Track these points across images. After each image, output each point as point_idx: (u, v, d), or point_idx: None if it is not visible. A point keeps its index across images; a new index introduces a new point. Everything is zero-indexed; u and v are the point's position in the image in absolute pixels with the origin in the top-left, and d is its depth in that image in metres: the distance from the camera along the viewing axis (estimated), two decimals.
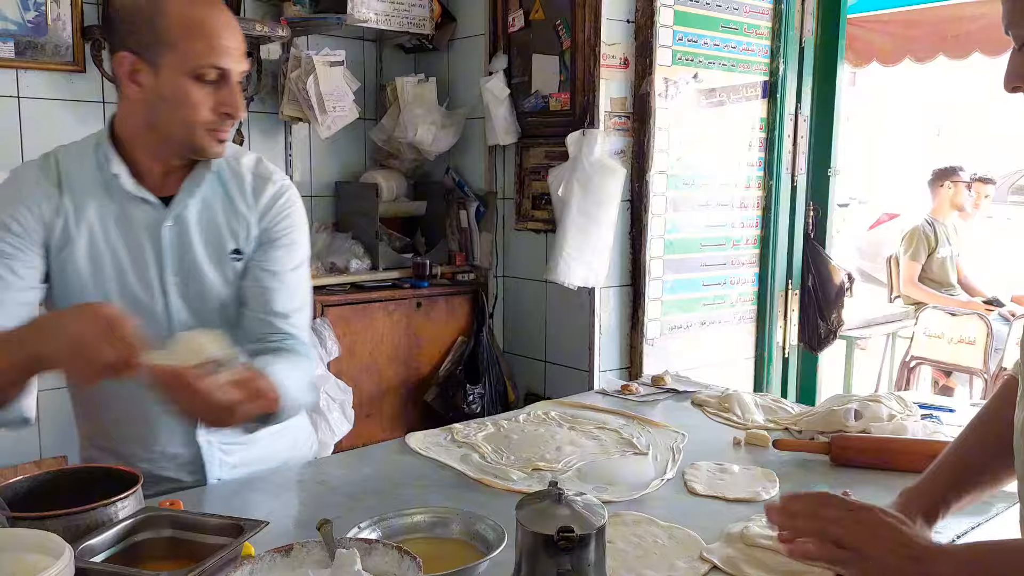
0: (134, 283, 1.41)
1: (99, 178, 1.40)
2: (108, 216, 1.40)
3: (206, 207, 1.44)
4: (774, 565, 1.15)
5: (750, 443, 1.72)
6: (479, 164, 3.25)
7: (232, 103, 1.34)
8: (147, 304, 1.41)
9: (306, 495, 1.45)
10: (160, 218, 1.41)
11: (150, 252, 1.41)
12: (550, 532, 0.92)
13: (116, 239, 1.40)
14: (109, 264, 1.39)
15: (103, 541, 1.07)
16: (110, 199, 1.40)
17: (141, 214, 1.41)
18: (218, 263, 1.45)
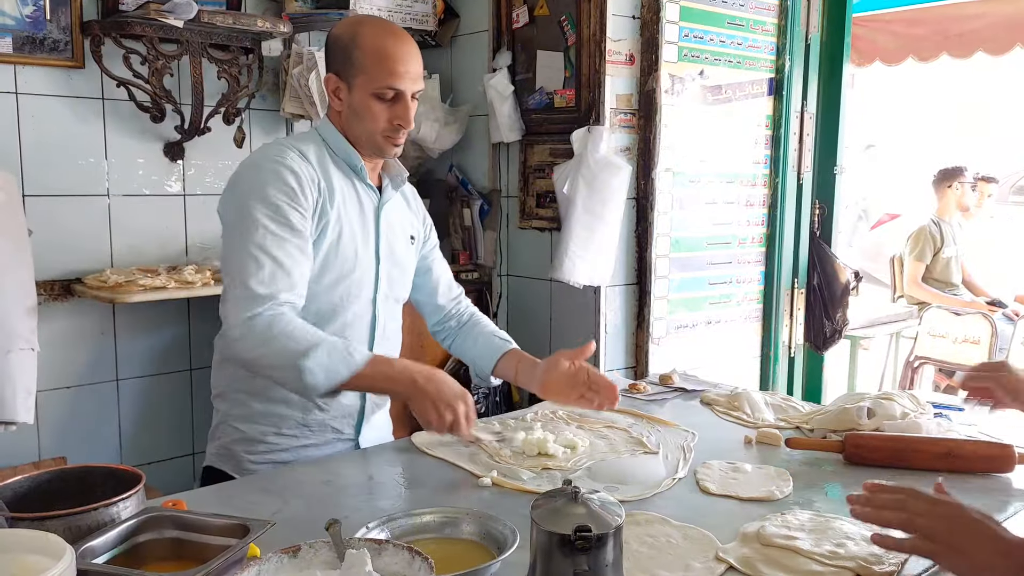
0: (361, 252, 1.71)
1: (337, 167, 1.69)
2: (349, 199, 1.69)
3: (398, 200, 1.81)
4: (792, 565, 1.12)
5: (761, 442, 1.69)
6: (483, 162, 3.22)
7: (403, 116, 1.65)
8: (367, 267, 1.72)
9: (312, 495, 1.42)
10: (378, 204, 1.74)
11: (372, 229, 1.73)
12: (567, 532, 0.90)
13: (354, 217, 1.70)
14: (347, 236, 1.68)
15: (105, 542, 1.05)
16: (349, 185, 1.70)
17: (368, 199, 1.73)
18: (406, 243, 1.82)
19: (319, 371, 1.48)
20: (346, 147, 1.69)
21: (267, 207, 1.56)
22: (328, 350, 1.49)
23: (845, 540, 1.18)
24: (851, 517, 1.20)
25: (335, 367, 1.49)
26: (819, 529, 1.22)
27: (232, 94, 2.80)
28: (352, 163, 1.70)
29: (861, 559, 1.12)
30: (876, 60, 4.97)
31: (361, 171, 1.71)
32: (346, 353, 1.51)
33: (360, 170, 1.70)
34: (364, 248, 1.71)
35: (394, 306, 1.82)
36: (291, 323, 1.52)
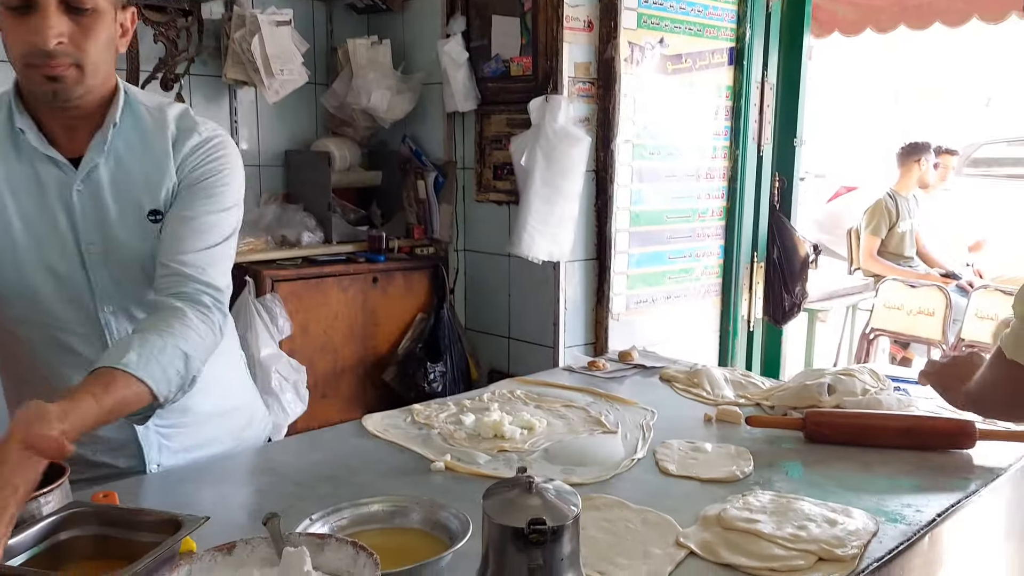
0: (51, 253, 1.29)
1: (7, 135, 1.28)
2: (18, 179, 1.28)
3: (120, 166, 1.32)
4: (754, 550, 1.08)
5: (721, 420, 1.66)
6: (437, 132, 3.13)
7: (38, 31, 1.15)
8: (67, 276, 1.30)
9: (253, 485, 1.35)
10: (70, 180, 1.29)
11: (63, 218, 1.29)
12: (520, 524, 0.84)
13: (28, 204, 1.28)
14: (21, 233, 1.27)
15: (23, 540, 0.97)
16: (19, 160, 1.28)
17: (51, 176, 1.29)
18: (137, 225, 1.32)
19: None
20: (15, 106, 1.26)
21: None
22: None
23: (807, 522, 1.14)
24: (812, 497, 1.21)
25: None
26: (780, 511, 1.19)
27: (170, 58, 2.67)
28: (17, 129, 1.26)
29: (823, 542, 1.08)
30: (835, 31, 4.95)
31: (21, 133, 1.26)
32: None
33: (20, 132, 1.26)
34: (56, 249, 1.29)
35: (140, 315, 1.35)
36: None
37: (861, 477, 1.36)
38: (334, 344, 2.80)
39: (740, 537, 1.12)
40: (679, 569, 1.06)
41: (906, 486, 1.31)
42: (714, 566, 1.06)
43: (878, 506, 1.23)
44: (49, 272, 1.29)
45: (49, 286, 1.30)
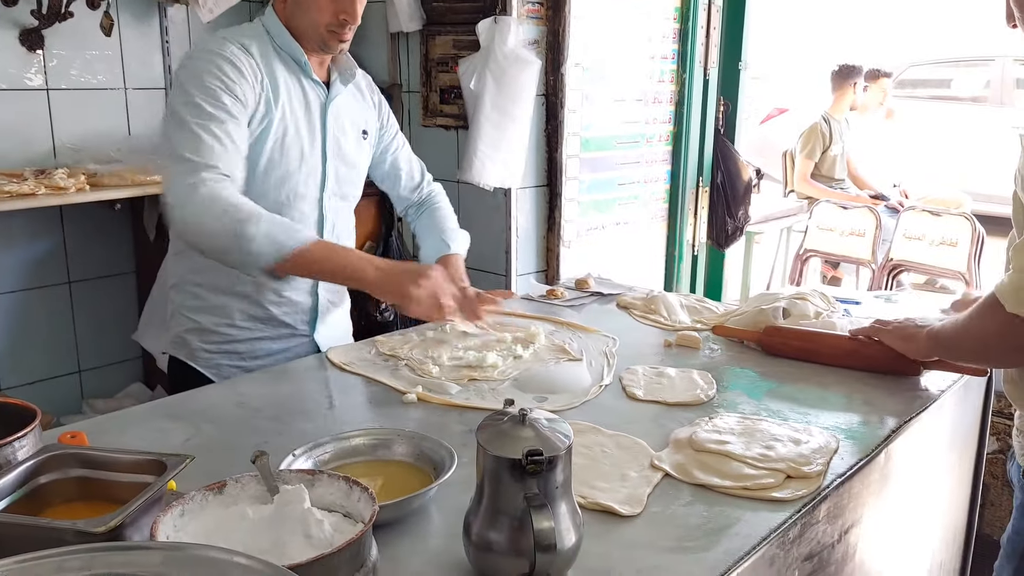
0: (307, 150, 1.67)
1: (282, 62, 1.64)
2: (294, 96, 1.65)
3: (348, 95, 1.76)
4: (726, 470, 1.14)
5: (681, 345, 1.71)
6: (380, 53, 3.04)
7: (349, 10, 1.61)
8: (314, 167, 1.69)
9: (225, 420, 1.34)
10: (325, 100, 1.70)
11: (318, 127, 1.69)
12: (517, 456, 0.86)
13: (299, 115, 1.66)
14: (292, 134, 1.65)
15: (2, 487, 0.94)
16: (294, 81, 1.66)
17: (315, 96, 1.69)
18: (356, 139, 1.79)
19: (263, 240, 1.45)
20: (290, 41, 1.64)
21: (203, 92, 1.53)
22: (272, 221, 1.48)
23: (773, 442, 1.20)
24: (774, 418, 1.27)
25: (279, 238, 1.47)
26: (747, 432, 1.24)
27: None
28: (296, 58, 1.65)
29: (791, 460, 1.14)
30: None
31: (306, 67, 1.66)
32: (292, 227, 1.51)
33: (305, 65, 1.66)
34: (310, 146, 1.68)
35: (342, 205, 1.79)
36: (233, 195, 1.50)
37: (818, 397, 1.42)
38: None
39: (711, 458, 1.17)
40: (656, 490, 1.10)
41: (860, 406, 1.38)
42: (689, 486, 1.11)
43: (836, 424, 1.29)
44: (303, 162, 1.67)
45: (300, 172, 1.67)
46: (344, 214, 1.81)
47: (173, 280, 1.76)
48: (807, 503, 1.05)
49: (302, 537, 0.83)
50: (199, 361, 1.71)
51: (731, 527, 1.00)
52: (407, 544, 0.98)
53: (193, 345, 1.72)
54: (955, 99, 8.76)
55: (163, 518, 0.86)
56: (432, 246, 1.93)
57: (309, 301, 1.76)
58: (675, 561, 0.93)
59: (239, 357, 1.72)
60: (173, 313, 1.76)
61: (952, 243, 4.23)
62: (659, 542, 0.97)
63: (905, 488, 1.36)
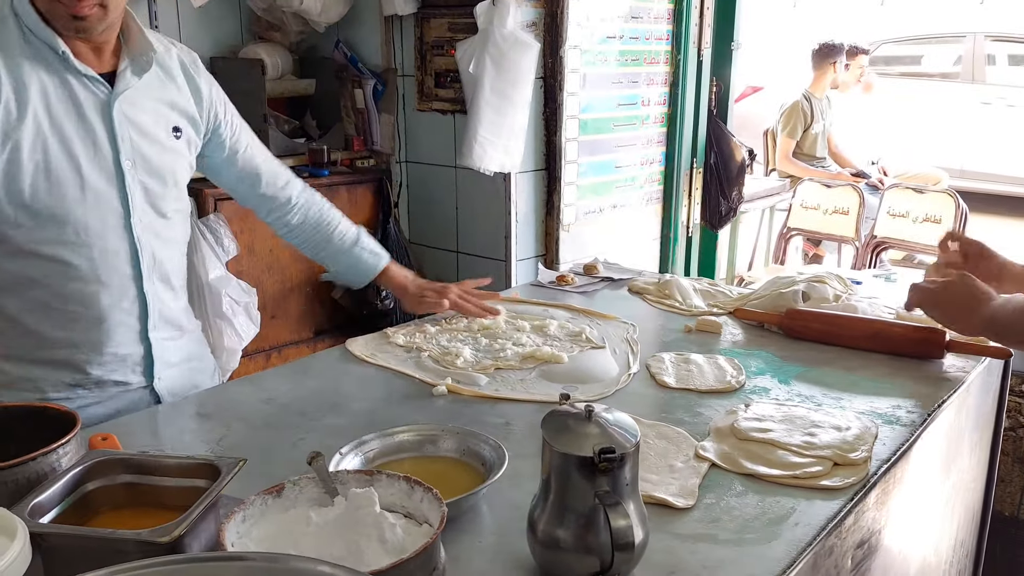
0: (89, 169, 1.32)
1: (37, 56, 1.28)
2: (55, 99, 1.29)
3: (147, 85, 1.40)
4: (773, 459, 1.14)
5: (701, 330, 1.71)
6: (374, 37, 2.98)
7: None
8: (104, 190, 1.34)
9: (255, 417, 1.32)
10: (107, 98, 1.34)
11: (102, 134, 1.33)
12: (588, 454, 0.85)
13: (68, 124, 1.30)
14: (60, 152, 1.29)
15: (51, 496, 0.92)
16: (56, 81, 1.29)
17: (88, 96, 1.32)
18: (166, 138, 1.43)
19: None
20: (39, 24, 1.27)
21: None
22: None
23: (814, 429, 1.21)
24: (810, 404, 1.29)
25: None
26: (787, 419, 1.25)
27: None
28: (52, 47, 1.28)
29: (836, 448, 1.15)
30: None
31: (65, 57, 1.29)
32: None
33: (64, 56, 1.29)
34: (92, 163, 1.32)
35: (164, 227, 1.44)
36: None
37: (847, 381, 1.43)
38: (281, 263, 2.71)
39: (756, 447, 1.17)
40: (705, 481, 1.10)
41: (890, 389, 1.39)
42: (738, 476, 1.11)
43: (871, 409, 1.30)
44: (85, 186, 1.32)
45: (85, 200, 1.32)
46: (170, 237, 1.46)
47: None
48: (859, 491, 1.06)
49: (377, 542, 0.82)
50: None
51: (788, 517, 1.00)
52: (465, 542, 0.98)
53: None
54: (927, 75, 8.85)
55: (227, 525, 0.85)
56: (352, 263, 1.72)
57: (140, 349, 1.44)
58: (739, 554, 0.93)
59: (214, 386, 1.52)
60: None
61: (936, 220, 4.29)
62: (719, 535, 0.97)
63: (937, 470, 1.38)
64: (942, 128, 7.95)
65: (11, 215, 1.28)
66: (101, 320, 1.38)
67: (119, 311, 1.40)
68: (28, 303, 1.35)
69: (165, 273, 1.46)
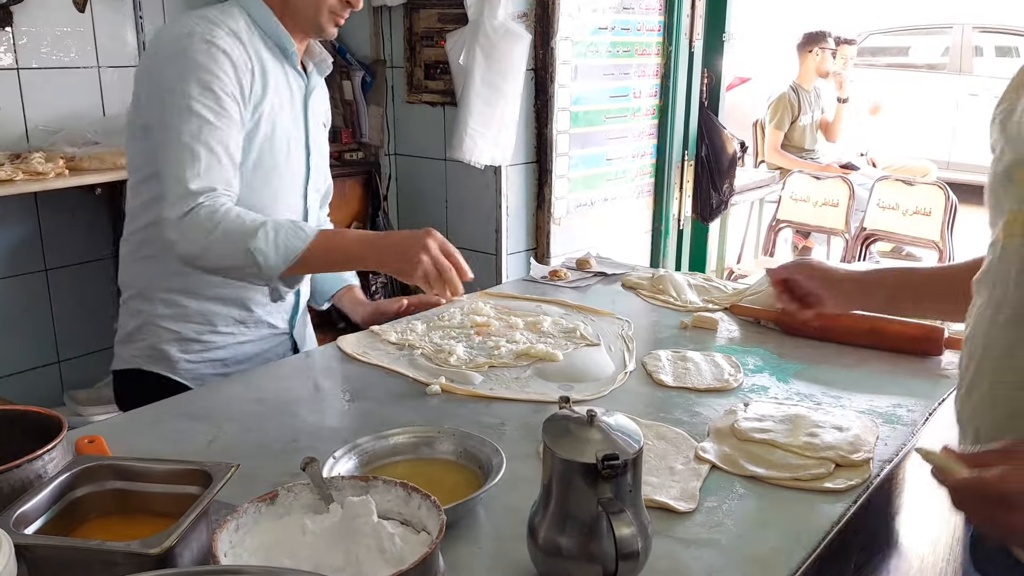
0: (293, 144, 1.60)
1: (268, 50, 1.53)
2: (281, 87, 1.55)
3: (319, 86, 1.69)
4: (774, 460, 1.12)
5: (697, 326, 1.69)
6: (362, 28, 2.95)
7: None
8: (298, 162, 1.62)
9: (246, 418, 1.29)
10: (306, 91, 1.62)
11: (301, 118, 1.61)
12: (591, 460, 0.83)
13: (286, 106, 1.57)
14: (280, 127, 1.56)
15: (37, 505, 0.89)
16: (279, 70, 1.55)
17: (297, 86, 1.60)
18: (322, 130, 1.72)
19: (271, 251, 1.41)
20: (276, 27, 1.53)
21: (202, 95, 1.42)
22: (275, 228, 1.43)
23: (816, 429, 1.19)
24: (810, 403, 1.28)
25: (288, 242, 1.42)
26: (787, 419, 1.23)
27: None
28: (284, 45, 1.55)
29: (838, 448, 1.13)
30: None
31: (292, 56, 1.57)
32: (295, 228, 1.44)
33: (291, 55, 1.57)
34: (296, 139, 1.61)
35: (318, 198, 1.75)
36: (231, 211, 1.42)
37: (846, 379, 1.42)
38: None
39: (757, 448, 1.16)
40: (705, 483, 1.08)
41: (889, 387, 1.38)
42: (739, 478, 1.09)
43: (871, 408, 1.29)
44: (289, 157, 1.59)
45: (288, 168, 1.59)
46: (318, 207, 1.76)
47: (137, 289, 1.60)
48: (861, 492, 1.05)
49: (376, 552, 0.80)
50: (180, 373, 1.58)
51: (792, 521, 0.99)
52: (463, 548, 0.95)
53: (173, 357, 1.58)
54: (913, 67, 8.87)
55: (220, 535, 0.82)
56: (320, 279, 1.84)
57: (292, 299, 1.69)
58: (743, 559, 0.92)
59: (222, 364, 1.62)
60: (141, 325, 1.59)
61: (926, 212, 4.30)
62: (722, 540, 0.96)
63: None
64: (930, 120, 7.97)
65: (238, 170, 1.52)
66: None
67: None
68: None
69: None
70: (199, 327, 1.59)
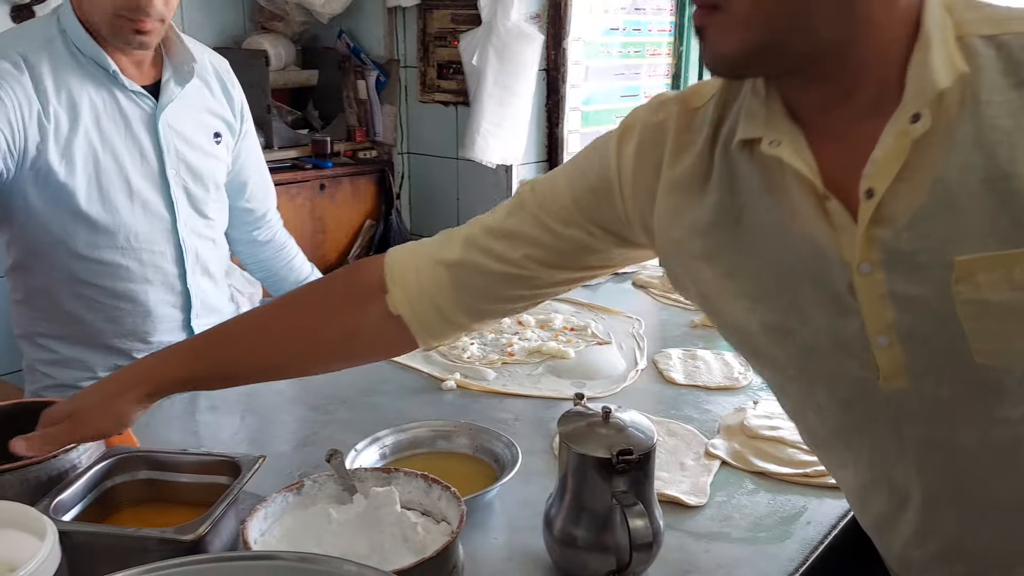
0: (137, 180, 1.40)
1: (85, 73, 1.34)
2: (104, 115, 1.36)
3: (188, 94, 1.46)
4: (783, 456, 1.15)
5: (707, 325, 1.72)
6: (376, 28, 2.98)
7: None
8: (152, 200, 1.43)
9: (266, 411, 1.33)
10: (153, 111, 1.41)
11: (148, 146, 1.41)
12: (606, 455, 0.86)
13: (116, 138, 1.37)
14: (112, 164, 1.37)
15: (74, 494, 0.93)
16: (104, 95, 1.36)
17: (135, 110, 1.39)
18: (208, 145, 1.50)
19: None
20: (89, 43, 1.33)
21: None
22: None
23: None
24: None
25: None
26: None
27: None
28: (101, 64, 1.34)
29: None
30: None
31: (115, 76, 1.35)
32: None
33: (114, 75, 1.35)
34: (141, 174, 1.40)
35: (207, 227, 1.53)
36: None
37: None
38: None
39: (766, 444, 1.19)
40: (715, 478, 1.12)
41: None
42: (748, 474, 1.13)
43: None
44: (133, 195, 1.40)
45: (134, 209, 1.41)
46: (210, 235, 1.54)
47: (19, 331, 1.51)
48: None
49: (400, 541, 0.84)
50: None
51: (800, 516, 1.02)
52: (479, 539, 0.99)
53: None
54: None
55: (250, 523, 0.86)
56: None
57: (183, 336, 1.52)
58: (753, 553, 0.95)
59: None
60: (28, 367, 1.51)
61: None
62: (732, 533, 0.99)
63: None
64: None
65: (68, 224, 1.37)
66: (148, 313, 1.48)
67: (165, 305, 1.49)
68: (80, 299, 1.43)
69: (207, 267, 1.54)
70: (78, 374, 1.45)
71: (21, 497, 0.87)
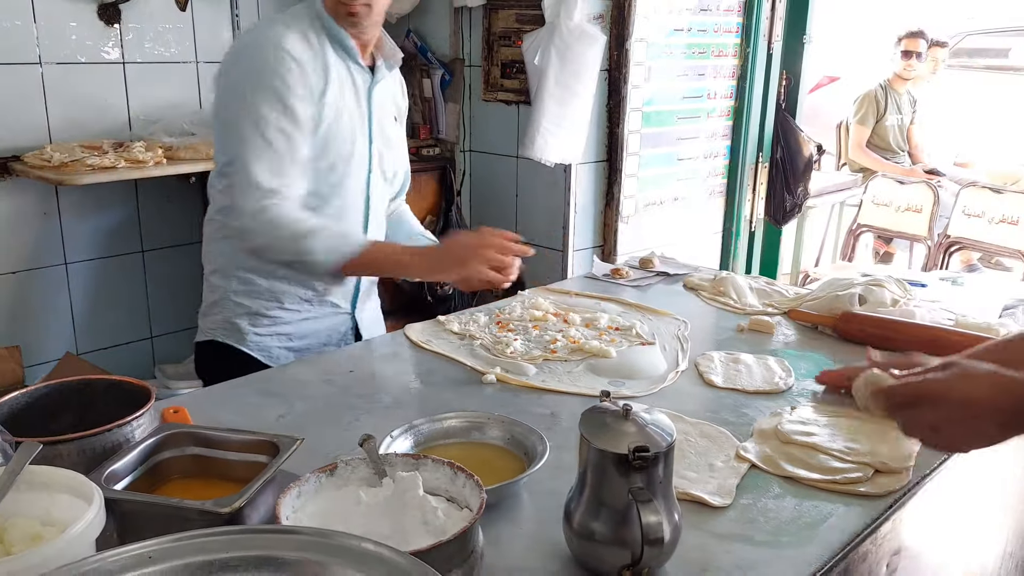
0: (357, 133, 1.71)
1: (332, 48, 1.66)
2: (344, 80, 1.68)
3: (388, 80, 1.79)
4: (814, 463, 1.15)
5: (753, 329, 1.71)
6: (443, 27, 3.04)
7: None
8: (362, 150, 1.73)
9: (315, 397, 1.39)
10: (370, 84, 1.73)
11: (365, 110, 1.73)
12: (623, 451, 0.88)
13: (349, 99, 1.69)
14: (344, 119, 1.68)
15: (125, 465, 1.00)
16: (343, 66, 1.68)
17: (361, 80, 1.72)
18: (391, 122, 1.83)
19: (322, 253, 1.59)
20: (334, 26, 1.65)
21: (274, 99, 1.57)
22: (329, 235, 1.60)
23: (858, 435, 1.21)
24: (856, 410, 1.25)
25: (337, 248, 1.60)
26: (831, 424, 1.25)
27: None
28: (344, 44, 1.67)
29: (878, 455, 1.15)
30: None
31: (352, 52, 1.68)
32: (345, 237, 1.63)
33: (351, 50, 1.67)
34: (359, 129, 1.72)
35: (384, 185, 1.84)
36: (294, 213, 1.60)
37: None
38: None
39: (798, 450, 1.18)
40: (743, 481, 1.12)
41: None
42: (777, 478, 1.13)
43: None
44: (353, 146, 1.69)
45: (352, 156, 1.70)
46: (384, 195, 1.84)
47: (215, 266, 1.76)
48: (897, 499, 1.07)
49: (421, 524, 0.87)
50: (249, 345, 1.73)
51: (823, 522, 1.02)
52: (505, 528, 1.02)
53: (244, 329, 1.73)
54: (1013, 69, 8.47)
55: (283, 500, 0.91)
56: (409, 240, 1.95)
57: (354, 280, 1.81)
58: (772, 556, 0.95)
59: (287, 338, 1.76)
60: (218, 300, 1.75)
61: (1013, 221, 4.15)
62: (754, 536, 0.99)
63: (985, 480, 1.37)
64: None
65: None
66: None
67: None
68: None
69: (379, 221, 1.83)
70: (268, 303, 1.73)
71: (79, 466, 0.94)
